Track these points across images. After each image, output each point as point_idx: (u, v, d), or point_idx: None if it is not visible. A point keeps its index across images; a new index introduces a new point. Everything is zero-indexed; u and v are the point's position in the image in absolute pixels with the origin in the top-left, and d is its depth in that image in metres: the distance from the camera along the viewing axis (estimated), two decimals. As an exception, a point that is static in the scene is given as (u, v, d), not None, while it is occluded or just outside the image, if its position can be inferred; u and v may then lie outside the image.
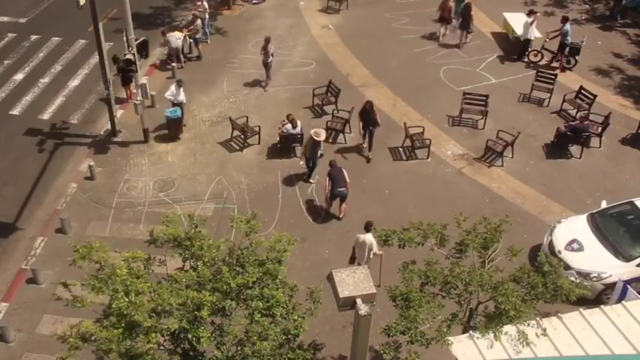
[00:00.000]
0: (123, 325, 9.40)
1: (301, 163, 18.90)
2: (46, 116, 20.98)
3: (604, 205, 16.42)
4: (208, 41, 24.66)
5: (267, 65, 22.02)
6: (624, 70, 23.85)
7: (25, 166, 18.96)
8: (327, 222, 17.22)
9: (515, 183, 18.55)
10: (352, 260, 15.07)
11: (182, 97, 19.93)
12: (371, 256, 14.63)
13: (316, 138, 17.86)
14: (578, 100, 21.09)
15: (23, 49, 24.23)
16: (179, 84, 19.89)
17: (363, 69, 23.45)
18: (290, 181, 18.57)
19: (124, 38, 18.42)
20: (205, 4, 24.34)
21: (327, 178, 16.92)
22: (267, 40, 21.69)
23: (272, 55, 21.91)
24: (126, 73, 20.07)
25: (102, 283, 9.79)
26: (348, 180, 16.79)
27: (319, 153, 18.42)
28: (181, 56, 23.27)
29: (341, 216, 17.23)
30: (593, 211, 16.32)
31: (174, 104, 19.81)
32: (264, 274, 10.27)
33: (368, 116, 18.85)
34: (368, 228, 14.63)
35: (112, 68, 20.16)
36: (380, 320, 11.19)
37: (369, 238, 14.49)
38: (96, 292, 9.78)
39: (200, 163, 19.21)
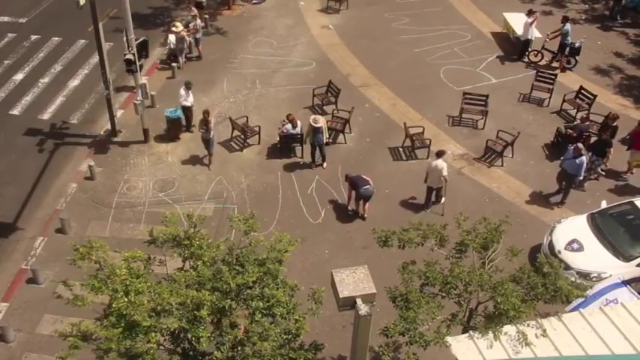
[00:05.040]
0: (123, 324, 9.41)
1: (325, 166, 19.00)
2: (46, 116, 20.98)
3: (604, 205, 16.43)
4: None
5: (208, 142, 18.68)
6: (624, 70, 23.84)
7: (25, 166, 18.96)
8: (327, 222, 17.21)
9: (515, 183, 18.54)
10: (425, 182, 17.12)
11: (191, 99, 19.85)
12: (441, 180, 16.83)
13: (314, 124, 18.17)
14: (578, 100, 21.09)
15: (23, 49, 24.21)
16: (188, 86, 19.69)
17: (363, 69, 23.44)
18: (290, 181, 18.57)
19: (124, 38, 18.40)
20: (198, 20, 23.60)
21: (347, 184, 17.17)
22: (208, 113, 18.37)
23: (213, 130, 18.64)
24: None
25: (101, 283, 9.81)
26: (370, 180, 16.89)
27: (324, 140, 18.56)
28: (183, 56, 23.19)
29: (365, 215, 17.13)
30: (593, 211, 16.32)
31: (183, 107, 19.70)
32: (265, 273, 10.28)
33: None
34: (440, 154, 16.83)
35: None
36: (380, 320, 11.18)
37: (440, 163, 16.64)
38: (95, 292, 9.79)
39: (200, 163, 19.20)
